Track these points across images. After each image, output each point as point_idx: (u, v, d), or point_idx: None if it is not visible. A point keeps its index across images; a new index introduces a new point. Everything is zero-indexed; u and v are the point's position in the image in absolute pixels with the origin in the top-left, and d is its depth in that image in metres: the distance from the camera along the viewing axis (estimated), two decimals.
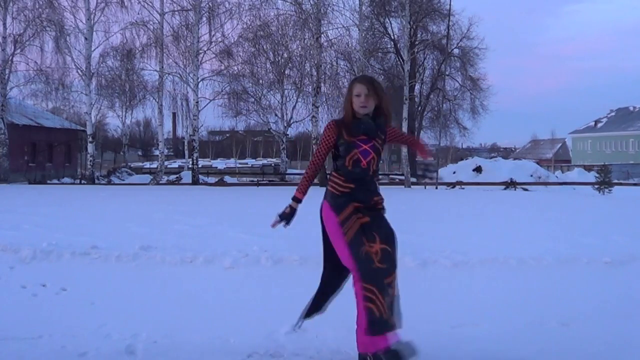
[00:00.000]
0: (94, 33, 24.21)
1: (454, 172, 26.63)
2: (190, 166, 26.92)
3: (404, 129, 24.37)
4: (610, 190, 20.72)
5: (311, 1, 24.23)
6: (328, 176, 3.64)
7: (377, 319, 3.29)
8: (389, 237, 3.46)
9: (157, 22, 24.85)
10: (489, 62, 67.10)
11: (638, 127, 59.40)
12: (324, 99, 24.65)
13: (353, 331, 3.48)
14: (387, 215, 3.58)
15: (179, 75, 26.17)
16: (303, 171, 3.85)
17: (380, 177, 3.65)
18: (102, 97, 28.30)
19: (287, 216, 3.53)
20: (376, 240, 3.39)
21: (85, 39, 23.98)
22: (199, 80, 24.92)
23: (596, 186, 21.18)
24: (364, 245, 3.37)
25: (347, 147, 3.48)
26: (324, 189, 3.57)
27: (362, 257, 3.35)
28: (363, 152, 3.46)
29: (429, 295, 5.18)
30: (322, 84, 24.60)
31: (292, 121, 28.37)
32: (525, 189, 22.00)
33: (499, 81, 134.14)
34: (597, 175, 22.35)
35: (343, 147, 3.48)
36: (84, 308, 4.72)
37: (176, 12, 25.18)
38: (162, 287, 5.37)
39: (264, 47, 26.03)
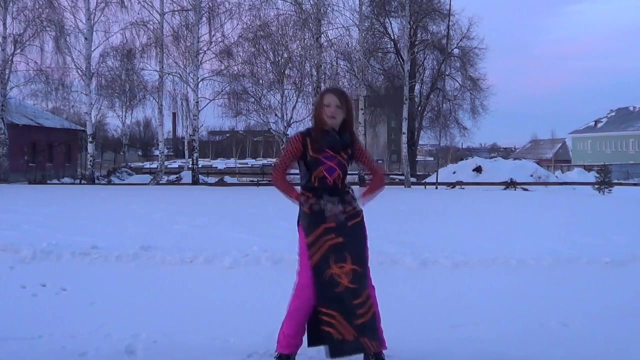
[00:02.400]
0: (94, 33, 24.21)
1: (454, 172, 26.58)
2: (190, 166, 26.92)
3: (404, 129, 24.39)
4: (610, 190, 20.70)
5: (311, 1, 24.23)
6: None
7: (338, 342, 3.29)
8: (362, 256, 3.39)
9: (157, 22, 24.84)
10: (489, 62, 67.23)
11: (638, 127, 59.43)
12: None
13: None
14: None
15: (179, 75, 26.17)
16: None
17: (348, 184, 3.58)
18: (102, 97, 28.26)
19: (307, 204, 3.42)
20: (347, 261, 3.33)
21: (85, 39, 23.97)
22: (199, 80, 24.91)
23: (596, 186, 21.17)
24: (330, 268, 3.32)
25: (312, 164, 3.40)
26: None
27: (324, 281, 3.32)
28: (328, 169, 3.39)
29: (429, 295, 5.19)
30: (322, 84, 24.58)
31: (292, 121, 28.29)
32: (525, 189, 21.98)
33: (499, 81, 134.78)
34: (597, 175, 22.34)
35: (309, 164, 3.41)
36: (84, 308, 4.72)
37: (176, 12, 25.18)
38: (162, 287, 5.37)
39: (264, 47, 25.98)
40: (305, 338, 3.49)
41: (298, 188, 3.51)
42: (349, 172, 3.58)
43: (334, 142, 3.39)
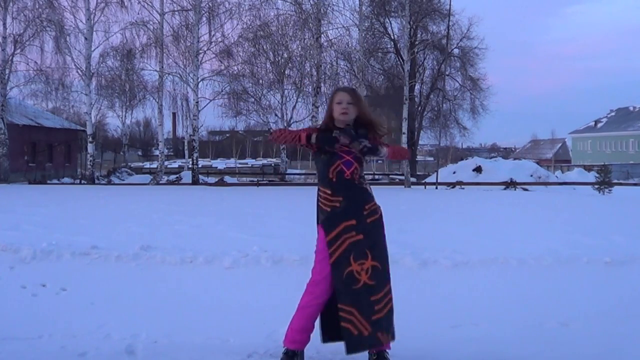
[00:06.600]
0: (94, 33, 24.20)
1: (454, 172, 26.52)
2: (190, 166, 26.91)
3: (404, 129, 24.39)
4: (610, 190, 20.69)
5: (311, 1, 24.23)
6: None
7: (356, 337, 3.32)
8: (382, 252, 3.43)
9: (157, 22, 24.84)
10: (489, 62, 67.10)
11: (638, 127, 59.42)
12: (324, 99, 24.61)
13: None
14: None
15: (179, 75, 26.18)
16: (303, 171, 3.81)
17: (366, 180, 3.62)
18: (102, 97, 28.35)
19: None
20: (367, 257, 3.36)
21: (85, 39, 23.97)
22: (199, 80, 24.90)
23: (596, 186, 21.16)
24: (350, 266, 3.35)
25: (329, 158, 3.44)
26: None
27: (342, 279, 3.35)
28: (346, 162, 3.43)
29: (428, 295, 5.19)
30: (322, 84, 24.61)
31: (292, 121, 28.35)
32: (525, 189, 21.96)
33: (499, 81, 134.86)
34: (597, 175, 22.33)
35: (325, 158, 3.44)
36: (84, 308, 4.72)
37: (176, 12, 25.17)
38: (162, 287, 5.37)
39: (264, 47, 26.02)
40: (311, 336, 3.48)
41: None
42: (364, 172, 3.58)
43: (352, 136, 3.42)
